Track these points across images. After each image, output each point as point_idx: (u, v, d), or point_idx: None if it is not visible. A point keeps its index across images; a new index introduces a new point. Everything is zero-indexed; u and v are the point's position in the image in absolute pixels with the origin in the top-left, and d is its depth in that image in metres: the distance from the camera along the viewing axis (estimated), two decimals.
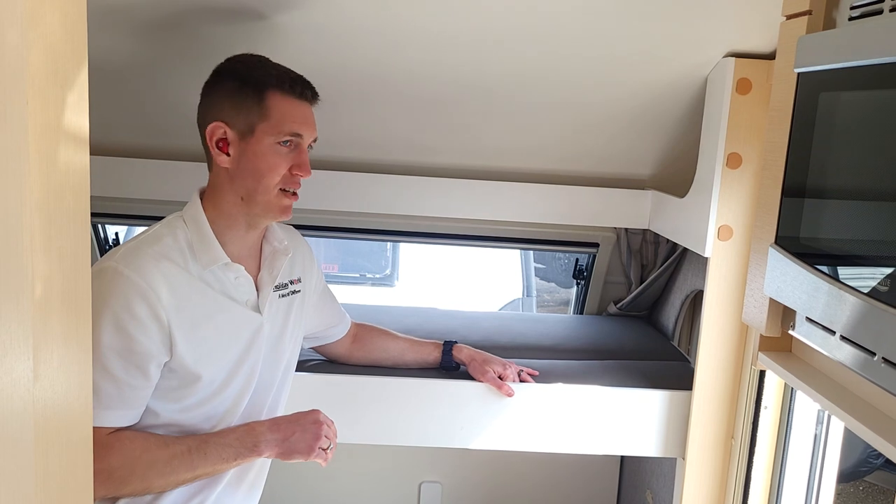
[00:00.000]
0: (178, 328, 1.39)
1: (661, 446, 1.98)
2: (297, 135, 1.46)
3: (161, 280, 1.38)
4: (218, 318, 1.46)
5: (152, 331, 1.37)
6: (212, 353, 1.45)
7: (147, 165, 2.22)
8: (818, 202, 1.18)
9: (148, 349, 1.37)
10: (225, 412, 1.50)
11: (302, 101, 1.48)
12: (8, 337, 0.87)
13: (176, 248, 1.43)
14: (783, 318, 1.34)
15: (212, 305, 1.45)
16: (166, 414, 1.45)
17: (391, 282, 5.15)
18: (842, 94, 1.11)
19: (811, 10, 1.21)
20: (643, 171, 2.26)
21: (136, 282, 1.36)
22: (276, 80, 1.45)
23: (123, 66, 1.87)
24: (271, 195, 1.45)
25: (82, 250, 1.09)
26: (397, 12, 1.66)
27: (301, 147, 1.47)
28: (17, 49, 0.86)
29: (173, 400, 1.45)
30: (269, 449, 1.47)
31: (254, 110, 1.43)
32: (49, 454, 1.01)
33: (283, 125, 1.44)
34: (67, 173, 1.01)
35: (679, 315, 2.39)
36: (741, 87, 1.72)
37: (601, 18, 1.64)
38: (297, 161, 1.46)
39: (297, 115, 1.46)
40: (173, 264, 1.41)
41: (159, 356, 1.39)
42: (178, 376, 1.43)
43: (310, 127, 1.49)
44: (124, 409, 1.39)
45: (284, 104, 1.44)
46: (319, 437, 1.49)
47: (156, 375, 1.41)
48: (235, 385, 1.50)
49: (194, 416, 1.48)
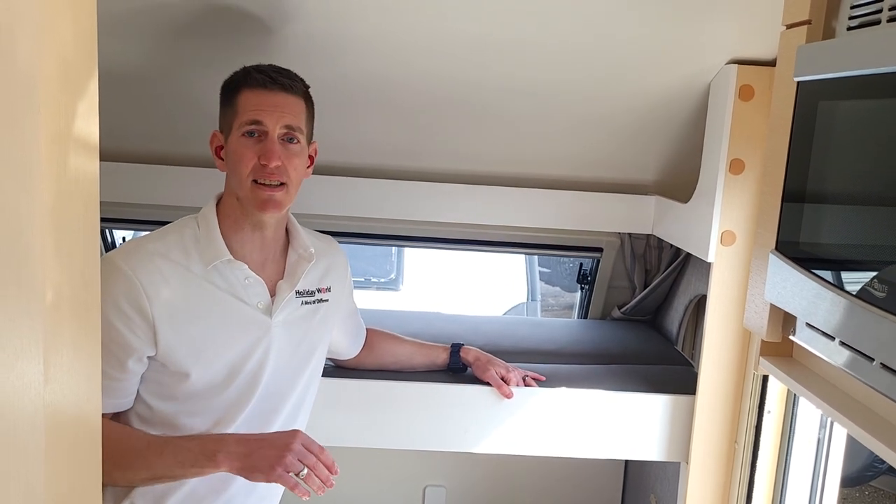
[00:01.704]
0: (164, 323, 1.42)
1: (664, 450, 1.99)
2: (256, 122, 1.44)
3: (153, 275, 1.41)
4: (217, 317, 1.47)
5: (136, 324, 1.40)
6: (205, 350, 1.47)
7: (153, 171, 2.24)
8: (817, 207, 1.20)
9: (128, 341, 1.40)
10: (226, 413, 1.51)
11: (268, 90, 1.45)
12: (20, 341, 0.89)
13: (179, 246, 1.46)
14: (784, 324, 1.35)
15: (212, 304, 1.47)
16: (160, 410, 1.47)
17: (396, 286, 5.16)
18: (840, 103, 1.12)
19: (811, 20, 1.22)
20: (647, 177, 2.27)
21: (127, 274, 1.40)
22: (243, 78, 1.47)
23: (131, 72, 1.89)
24: (247, 188, 1.46)
25: (92, 256, 1.10)
26: (404, 21, 1.68)
27: (269, 136, 1.45)
28: (30, 58, 0.88)
29: (166, 396, 1.47)
30: (229, 462, 1.37)
31: (230, 112, 1.48)
32: (58, 456, 1.02)
33: (245, 115, 1.45)
34: (78, 181, 1.03)
35: (682, 320, 2.40)
36: (744, 93, 1.73)
37: (604, 25, 1.65)
38: (262, 150, 1.44)
39: (258, 104, 1.44)
40: (170, 262, 1.44)
41: (140, 350, 1.42)
42: (167, 371, 1.45)
43: (271, 113, 1.44)
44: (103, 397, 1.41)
45: (250, 96, 1.45)
46: (284, 458, 1.35)
47: (135, 368, 1.43)
48: (236, 387, 1.51)
49: (191, 414, 1.49)
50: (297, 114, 1.48)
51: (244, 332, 1.51)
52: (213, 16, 1.69)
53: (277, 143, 1.45)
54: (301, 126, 1.49)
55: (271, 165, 1.43)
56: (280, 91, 1.46)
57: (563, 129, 2.06)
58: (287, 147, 1.47)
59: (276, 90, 1.46)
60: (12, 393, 0.88)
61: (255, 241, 1.53)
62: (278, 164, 1.44)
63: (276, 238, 1.57)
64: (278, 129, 1.45)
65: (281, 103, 1.46)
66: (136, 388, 1.47)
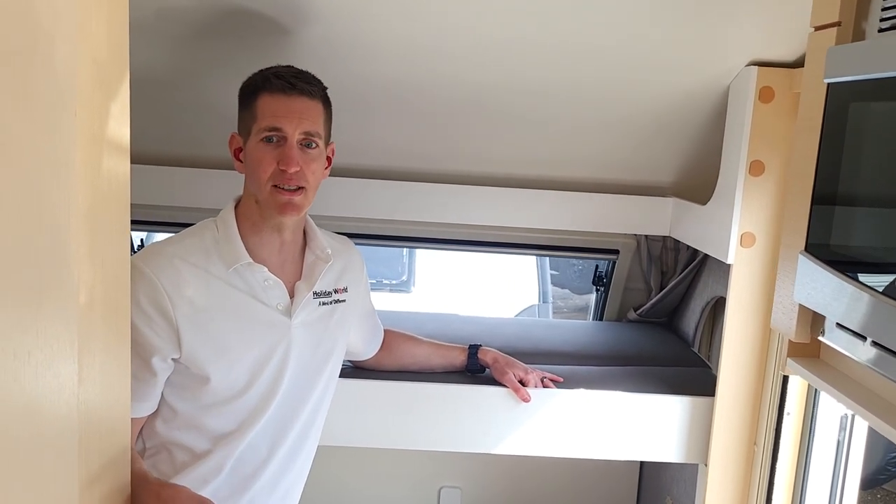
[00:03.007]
0: (187, 325, 1.43)
1: (682, 452, 1.99)
2: (275, 129, 1.45)
3: (174, 278, 1.43)
4: (238, 319, 1.48)
5: (158, 325, 1.41)
6: (227, 352, 1.47)
7: (169, 173, 2.25)
8: (849, 210, 1.19)
9: (151, 342, 1.41)
10: (250, 415, 1.52)
11: (287, 96, 1.46)
12: (56, 342, 0.89)
13: (199, 249, 1.48)
14: (812, 325, 1.34)
15: (233, 306, 1.48)
16: (184, 411, 1.48)
17: (408, 288, 5.16)
18: (872, 105, 1.12)
19: (840, 22, 1.22)
20: (665, 179, 2.27)
21: (148, 277, 1.41)
22: (263, 82, 1.47)
23: (148, 75, 1.90)
24: (266, 193, 1.46)
25: (123, 258, 1.11)
26: (421, 24, 1.68)
27: (288, 142, 1.45)
28: (68, 62, 0.88)
29: (190, 397, 1.48)
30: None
31: (248, 115, 1.49)
32: (91, 452, 1.03)
33: (264, 121, 1.46)
34: (111, 182, 1.03)
35: (699, 321, 2.39)
36: (764, 95, 1.73)
37: (625, 27, 1.66)
38: (282, 156, 1.45)
39: (277, 110, 1.45)
40: (190, 264, 1.45)
41: (164, 350, 1.42)
42: (191, 373, 1.46)
43: (290, 119, 1.45)
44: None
45: (269, 102, 1.46)
46: None
47: (161, 370, 1.44)
48: (259, 387, 1.51)
49: (215, 416, 1.49)
50: (315, 119, 1.49)
51: (264, 334, 1.51)
52: (230, 19, 1.70)
53: (296, 149, 1.46)
54: (319, 131, 1.49)
55: (290, 171, 1.44)
56: (299, 96, 1.46)
57: (580, 130, 2.06)
58: (305, 152, 1.48)
59: (295, 95, 1.46)
60: (49, 392, 0.89)
61: (274, 244, 1.54)
62: (297, 169, 1.45)
63: (294, 240, 1.58)
64: (297, 135, 1.46)
65: (300, 109, 1.46)
66: (161, 391, 1.47)
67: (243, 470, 1.52)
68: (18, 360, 0.81)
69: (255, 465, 1.53)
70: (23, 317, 0.83)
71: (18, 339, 0.82)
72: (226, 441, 1.50)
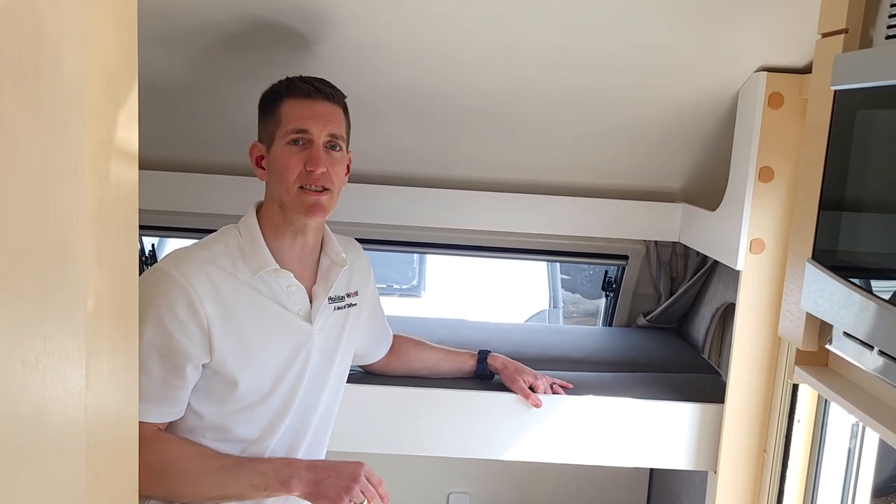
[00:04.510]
0: (218, 331, 1.43)
1: (692, 459, 1.98)
2: (302, 131, 1.48)
3: (205, 283, 1.43)
4: (265, 325, 1.49)
5: (192, 331, 1.42)
6: (255, 357, 1.48)
7: (181, 179, 2.26)
8: (856, 216, 1.19)
9: (186, 349, 1.42)
10: (271, 420, 1.53)
11: (311, 100, 1.49)
12: (63, 347, 0.90)
13: (226, 255, 1.49)
14: (820, 333, 1.34)
15: (260, 312, 1.49)
16: (211, 417, 1.49)
17: (418, 292, 5.16)
18: (879, 112, 1.11)
19: (847, 29, 1.21)
20: (674, 185, 2.26)
21: (181, 283, 1.41)
22: (286, 88, 1.50)
23: (161, 83, 1.92)
24: (292, 194, 1.48)
25: (131, 263, 1.12)
26: (432, 32, 1.68)
27: (314, 144, 1.48)
28: (76, 69, 0.89)
29: (216, 402, 1.49)
30: (300, 487, 1.46)
31: (272, 121, 1.51)
32: (99, 460, 1.03)
33: (289, 124, 1.48)
34: (119, 188, 1.04)
35: (709, 328, 2.38)
36: (773, 101, 1.73)
37: (635, 34, 1.65)
38: (308, 157, 1.48)
39: (302, 113, 1.48)
40: (220, 269, 1.46)
41: (197, 357, 1.43)
42: (219, 378, 1.47)
43: (316, 121, 1.48)
44: (161, 406, 1.43)
45: (294, 106, 1.49)
46: (351, 489, 1.45)
47: (193, 376, 1.45)
48: (281, 392, 1.52)
49: (240, 422, 1.50)
50: (339, 122, 1.52)
51: (287, 339, 1.53)
52: (244, 29, 1.71)
53: (322, 151, 1.49)
54: (343, 134, 1.53)
55: (318, 172, 1.47)
56: (323, 100, 1.50)
57: (590, 136, 2.06)
58: (330, 154, 1.50)
59: (320, 99, 1.50)
60: (56, 398, 0.89)
61: (296, 249, 1.55)
62: (324, 170, 1.48)
63: (315, 245, 1.60)
64: (323, 136, 1.49)
65: (324, 112, 1.50)
66: (189, 397, 1.48)
67: None
68: (26, 367, 0.82)
69: None
70: (30, 323, 0.84)
71: (26, 345, 0.82)
72: (250, 449, 1.52)
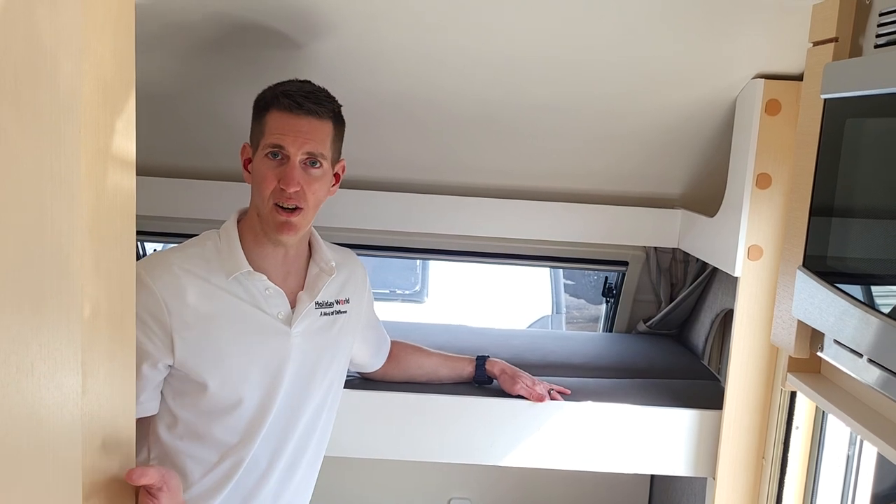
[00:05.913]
0: (182, 332, 1.45)
1: (691, 465, 1.98)
2: (277, 146, 1.46)
3: (172, 285, 1.45)
4: (239, 328, 1.50)
5: (153, 331, 1.44)
6: (225, 360, 1.49)
7: (177, 185, 2.27)
8: (845, 222, 1.19)
9: (144, 347, 1.42)
10: (249, 425, 1.52)
11: (293, 115, 1.46)
12: (59, 354, 0.91)
13: (201, 258, 1.50)
14: (812, 340, 1.34)
15: (234, 315, 1.49)
16: (186, 418, 1.49)
17: (420, 298, 5.17)
18: (867, 121, 1.12)
19: (838, 38, 1.22)
20: (673, 191, 2.27)
21: (147, 283, 1.43)
22: (272, 99, 1.49)
23: (156, 89, 1.93)
24: (267, 209, 1.48)
25: (128, 270, 1.13)
26: (430, 39, 1.69)
27: (290, 161, 1.46)
28: (72, 79, 0.90)
29: (190, 403, 1.49)
30: None
31: (258, 128, 1.50)
32: (94, 465, 1.04)
33: (269, 137, 1.47)
34: (116, 196, 1.05)
35: (709, 334, 2.39)
36: (770, 108, 1.73)
37: (633, 42, 1.66)
38: (282, 174, 1.46)
39: (282, 128, 1.46)
40: (190, 273, 1.47)
41: (155, 356, 1.45)
42: (189, 379, 1.48)
43: (294, 138, 1.46)
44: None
45: (277, 119, 1.47)
46: None
47: (151, 375, 1.45)
48: (257, 395, 1.52)
49: (217, 425, 1.50)
50: (321, 139, 1.49)
51: (264, 342, 1.53)
52: (238, 33, 1.72)
53: (298, 169, 1.47)
54: (324, 151, 1.50)
55: (290, 191, 1.46)
56: (305, 116, 1.47)
57: (589, 143, 2.07)
58: (308, 171, 1.49)
59: (302, 115, 1.47)
60: (52, 404, 0.90)
61: (277, 256, 1.56)
62: (297, 189, 1.46)
63: (298, 254, 1.59)
64: (300, 154, 1.47)
65: (305, 129, 1.47)
66: (155, 393, 1.49)
67: (245, 483, 1.53)
68: (22, 373, 0.83)
69: (256, 477, 1.54)
70: (26, 329, 0.85)
71: (22, 351, 0.84)
72: (230, 453, 1.51)
